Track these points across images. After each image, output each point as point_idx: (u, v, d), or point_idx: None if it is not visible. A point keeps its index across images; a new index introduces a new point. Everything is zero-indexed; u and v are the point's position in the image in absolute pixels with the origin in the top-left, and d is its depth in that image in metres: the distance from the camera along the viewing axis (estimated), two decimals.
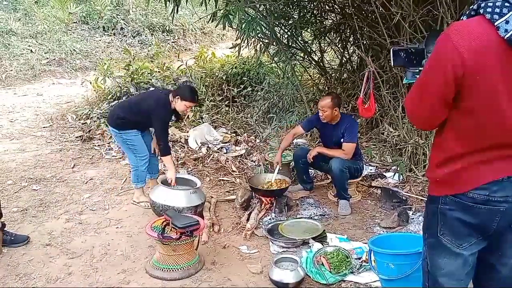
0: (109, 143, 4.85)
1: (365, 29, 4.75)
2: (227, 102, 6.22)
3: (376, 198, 3.72)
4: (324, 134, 3.68)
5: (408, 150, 4.19)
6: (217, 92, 6.44)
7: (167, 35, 11.24)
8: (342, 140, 3.43)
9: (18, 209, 3.43)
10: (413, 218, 3.30)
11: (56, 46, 9.26)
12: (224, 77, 6.75)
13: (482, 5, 1.19)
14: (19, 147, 4.77)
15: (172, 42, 11.09)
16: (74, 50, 9.37)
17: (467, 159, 1.30)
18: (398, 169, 4.00)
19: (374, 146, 4.51)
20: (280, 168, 3.72)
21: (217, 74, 7.01)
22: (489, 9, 1.17)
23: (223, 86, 6.52)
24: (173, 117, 3.52)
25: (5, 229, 2.91)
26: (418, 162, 4.11)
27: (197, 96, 3.37)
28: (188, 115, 4.32)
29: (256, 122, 5.68)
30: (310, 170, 3.89)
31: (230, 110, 6.04)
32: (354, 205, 3.55)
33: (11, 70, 8.21)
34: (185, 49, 10.96)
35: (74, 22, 10.40)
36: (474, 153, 1.30)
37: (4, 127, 5.47)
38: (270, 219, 3.29)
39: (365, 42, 4.82)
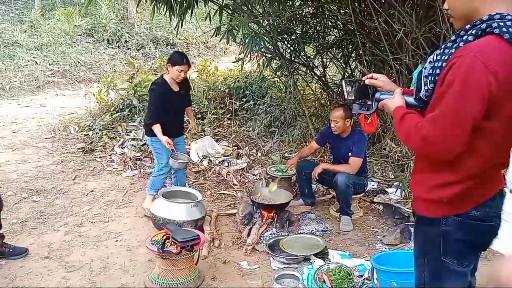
0: (110, 155, 4.85)
1: (367, 45, 4.79)
2: (229, 115, 6.24)
3: (378, 214, 3.69)
4: (335, 146, 3.66)
5: (410, 166, 4.17)
6: (220, 105, 6.47)
7: (171, 48, 11.35)
8: (349, 154, 3.42)
9: (18, 220, 3.40)
10: None
11: (61, 58, 9.35)
12: (226, 91, 6.80)
13: (494, 25, 1.18)
14: (20, 158, 4.77)
15: None
16: (78, 62, 9.47)
17: (478, 178, 1.29)
18: (400, 185, 3.98)
19: (376, 162, 4.50)
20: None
21: (219, 87, 7.06)
22: (504, 29, 1.17)
23: (226, 100, 6.56)
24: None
25: (3, 241, 2.89)
26: None
27: (186, 58, 3.38)
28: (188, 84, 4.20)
29: (258, 135, 5.69)
30: (312, 185, 3.87)
31: (232, 123, 6.06)
32: (356, 221, 3.52)
33: (15, 81, 8.28)
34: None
35: (79, 35, 10.54)
36: (485, 172, 1.29)
37: (7, 138, 5.48)
38: (271, 234, 3.25)
39: (367, 58, 4.85)
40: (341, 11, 5.12)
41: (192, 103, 5.69)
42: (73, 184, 4.12)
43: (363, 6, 4.83)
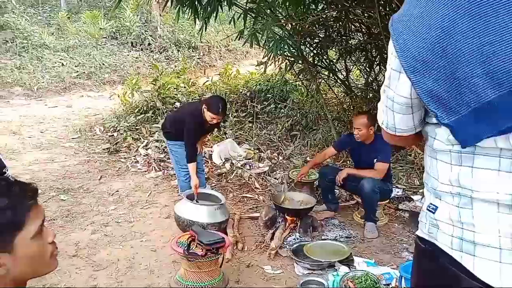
0: (135, 156, 4.93)
1: None
2: (251, 118, 6.26)
3: (403, 222, 3.62)
4: (357, 154, 3.60)
5: None
6: (241, 108, 6.50)
7: (193, 51, 11.49)
8: (375, 160, 3.37)
9: (46, 218, 3.46)
10: None
11: (86, 60, 9.58)
12: (248, 94, 6.83)
13: None
14: (48, 157, 4.90)
15: (198, 58, 11.32)
16: (103, 64, 9.67)
17: None
18: None
19: (401, 168, 4.42)
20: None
21: (241, 90, 7.10)
22: None
23: (247, 103, 6.59)
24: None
25: None
26: None
27: (223, 109, 3.38)
28: (218, 126, 4.32)
29: (279, 139, 5.68)
30: (335, 190, 3.83)
31: (253, 126, 6.07)
32: (381, 228, 3.46)
33: (43, 82, 8.52)
34: (210, 65, 11.16)
35: (104, 37, 10.77)
36: None
37: (35, 137, 5.64)
38: (294, 239, 3.23)
39: None
40: (365, 15, 5.07)
41: None
42: (99, 184, 4.20)
43: (388, 9, 4.77)
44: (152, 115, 5.94)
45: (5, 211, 0.85)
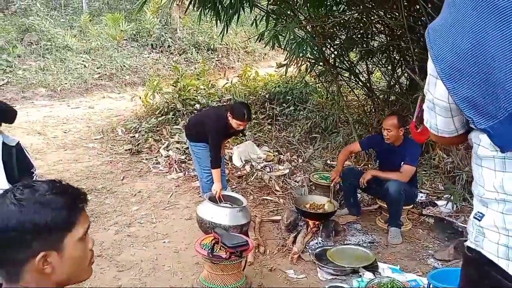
0: (156, 157, 4.97)
1: (416, 50, 4.64)
2: (270, 120, 6.25)
3: (428, 228, 3.55)
4: (385, 155, 3.54)
5: (462, 178, 3.98)
6: (260, 110, 6.51)
7: (212, 53, 11.55)
8: (402, 162, 3.31)
9: None
10: None
11: (108, 62, 9.74)
12: (267, 96, 6.82)
13: None
14: (72, 157, 4.99)
15: (216, 60, 11.38)
16: (124, 66, 9.82)
17: None
18: (452, 197, 3.80)
19: (424, 172, 4.33)
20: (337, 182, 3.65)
21: (260, 92, 7.09)
22: None
23: (266, 105, 6.58)
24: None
25: None
26: None
27: (248, 115, 3.41)
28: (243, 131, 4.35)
29: (299, 141, 5.65)
30: (357, 193, 3.78)
31: (272, 128, 6.06)
32: (405, 233, 3.40)
33: (66, 84, 8.70)
34: (228, 67, 11.20)
35: (124, 39, 10.94)
36: None
37: (59, 137, 5.76)
38: (316, 243, 3.20)
39: (416, 64, 4.70)
40: (388, 16, 4.99)
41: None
42: (122, 185, 4.25)
43: (412, 10, 4.69)
44: (173, 116, 5.99)
45: (60, 210, 0.89)
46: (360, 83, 5.73)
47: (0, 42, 9.14)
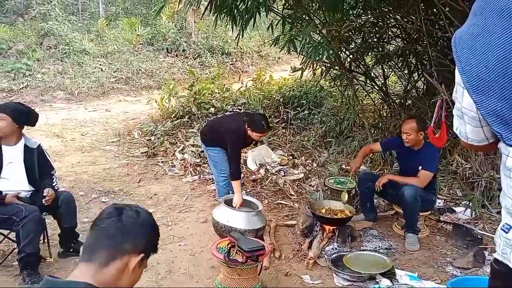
0: (171, 160, 5.02)
1: (433, 54, 4.59)
2: (284, 124, 6.25)
3: (446, 234, 3.49)
4: (405, 158, 3.50)
5: (481, 184, 3.91)
6: (274, 114, 6.52)
7: (226, 57, 11.63)
8: (420, 167, 3.27)
9: (88, 220, 3.60)
10: (490, 260, 3.04)
11: (124, 66, 9.90)
12: (281, 99, 6.83)
13: None
14: (90, 159, 5.07)
15: (230, 64, 11.45)
16: (139, 69, 9.97)
17: None
18: (470, 204, 3.74)
19: (442, 178, 4.26)
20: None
21: (274, 96, 7.10)
22: None
23: (280, 108, 6.59)
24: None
25: (78, 239, 3.06)
26: (493, 198, 3.82)
27: (267, 125, 3.44)
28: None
29: (313, 145, 5.63)
30: (374, 199, 3.75)
31: (286, 132, 6.05)
32: (422, 240, 3.35)
33: (83, 87, 8.87)
34: (242, 71, 11.25)
35: (140, 44, 11.10)
36: None
37: (77, 140, 5.86)
38: (332, 248, 3.18)
39: (433, 69, 4.65)
40: (405, 20, 4.95)
41: (248, 111, 5.80)
42: (138, 187, 4.30)
43: (430, 13, 4.64)
44: (188, 120, 6.05)
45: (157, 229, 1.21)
46: (376, 87, 5.68)
47: (20, 46, 9.37)
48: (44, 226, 2.87)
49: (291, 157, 5.20)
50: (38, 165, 2.90)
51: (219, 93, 7.02)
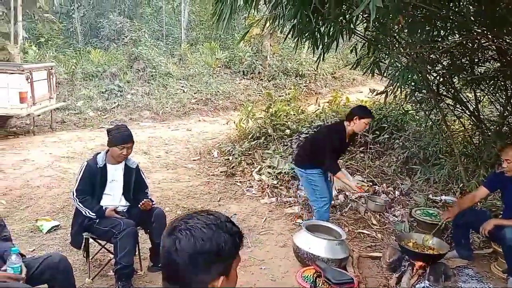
0: (249, 180, 5.10)
1: None
2: (362, 148, 6.04)
3: None
4: (508, 193, 3.16)
5: None
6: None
7: (300, 79, 11.72)
8: None
9: None
10: None
11: (204, 88, 10.45)
12: None
13: None
14: (174, 176, 5.36)
15: (304, 85, 11.50)
16: (218, 91, 10.44)
17: None
18: None
19: None
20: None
21: None
22: None
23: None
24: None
25: None
26: None
27: (370, 111, 3.47)
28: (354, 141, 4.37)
29: (394, 172, 5.35)
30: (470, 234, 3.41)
31: (365, 156, 5.84)
32: None
33: (167, 107, 9.50)
34: (316, 93, 11.23)
35: (219, 67, 11.66)
36: None
37: (162, 157, 6.24)
38: (424, 287, 2.94)
39: None
40: (500, 40, 4.56)
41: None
42: (218, 206, 4.42)
43: None
44: (264, 141, 6.13)
45: (234, 236, 1.03)
46: (467, 111, 5.27)
47: (113, 69, 10.37)
48: (137, 239, 3.05)
49: (371, 183, 4.99)
50: (134, 182, 3.11)
51: (294, 114, 7.05)
